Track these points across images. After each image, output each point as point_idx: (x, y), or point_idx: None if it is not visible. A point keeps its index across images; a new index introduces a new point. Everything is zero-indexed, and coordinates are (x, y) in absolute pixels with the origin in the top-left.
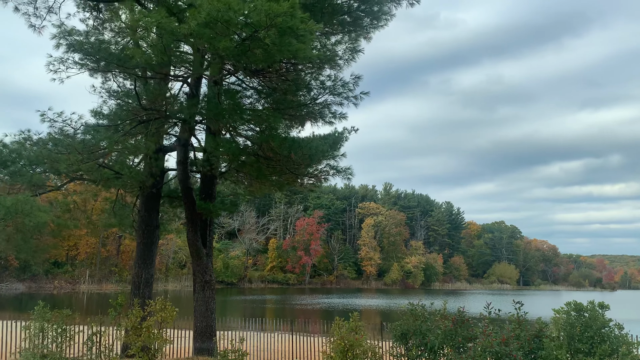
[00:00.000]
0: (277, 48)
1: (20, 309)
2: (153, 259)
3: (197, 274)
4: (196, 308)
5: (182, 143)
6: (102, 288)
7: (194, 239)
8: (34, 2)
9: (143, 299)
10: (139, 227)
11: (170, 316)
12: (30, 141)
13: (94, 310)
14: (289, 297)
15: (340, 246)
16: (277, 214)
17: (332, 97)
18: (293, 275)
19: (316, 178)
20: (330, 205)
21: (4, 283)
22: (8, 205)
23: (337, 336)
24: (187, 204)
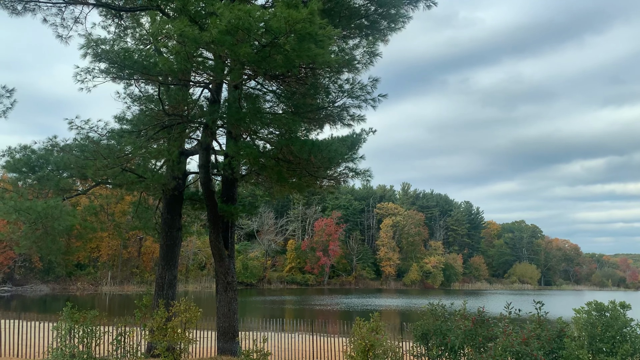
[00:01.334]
0: (296, 53)
1: (44, 310)
2: (176, 260)
3: (220, 275)
4: (219, 309)
5: (204, 147)
6: (124, 289)
7: (216, 241)
8: (61, 14)
9: (167, 299)
10: (162, 229)
11: (194, 317)
12: (57, 147)
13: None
14: (308, 297)
15: (359, 247)
16: (295, 215)
17: (351, 100)
18: (312, 276)
19: (335, 180)
20: (348, 205)
21: (29, 285)
22: (39, 210)
23: (358, 336)
24: (209, 206)
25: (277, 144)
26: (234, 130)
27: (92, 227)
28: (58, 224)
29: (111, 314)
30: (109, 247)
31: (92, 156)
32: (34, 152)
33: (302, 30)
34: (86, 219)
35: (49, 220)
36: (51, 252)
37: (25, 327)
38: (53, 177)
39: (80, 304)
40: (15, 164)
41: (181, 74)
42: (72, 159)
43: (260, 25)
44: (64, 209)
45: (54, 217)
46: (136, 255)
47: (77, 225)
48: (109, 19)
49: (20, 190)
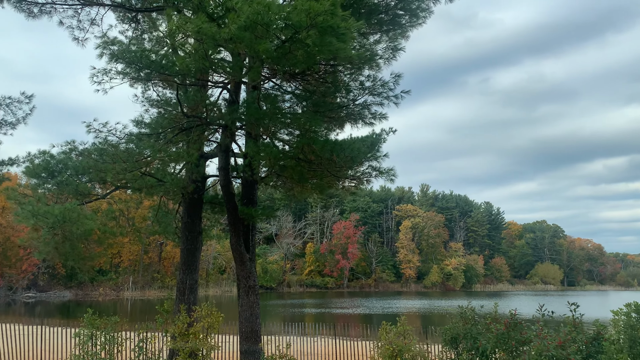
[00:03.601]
0: (317, 48)
1: (68, 315)
2: (197, 264)
3: (241, 279)
4: (241, 313)
5: (223, 149)
6: (145, 294)
7: (237, 244)
8: (77, 15)
9: (188, 304)
10: (182, 233)
11: (216, 322)
12: (76, 151)
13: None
14: (328, 301)
15: (378, 249)
16: (313, 218)
17: (372, 98)
18: (331, 279)
19: (358, 180)
20: (366, 208)
21: (52, 291)
22: (56, 214)
23: (385, 341)
24: (230, 209)
25: (297, 144)
26: (254, 130)
27: (112, 232)
28: (76, 228)
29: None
30: (130, 252)
31: (111, 160)
32: (52, 157)
33: (323, 23)
34: (105, 223)
35: (66, 224)
36: (70, 258)
37: (48, 333)
38: (72, 182)
39: (102, 309)
40: (35, 169)
41: (199, 73)
42: (91, 163)
43: (280, 20)
44: (82, 212)
45: (72, 221)
46: (157, 260)
47: (97, 230)
48: (125, 23)
49: (38, 195)
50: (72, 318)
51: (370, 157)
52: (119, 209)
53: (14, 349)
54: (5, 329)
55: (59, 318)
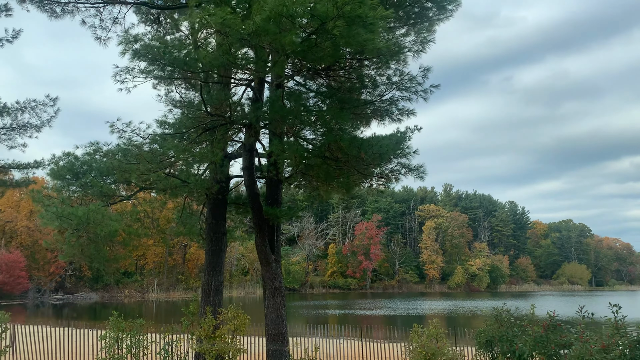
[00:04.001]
0: (344, 40)
1: (94, 317)
2: (222, 266)
3: (267, 281)
4: (267, 315)
5: (248, 148)
6: (170, 296)
7: (262, 245)
8: (100, 14)
9: (214, 306)
10: (207, 234)
11: (243, 324)
12: (100, 152)
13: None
14: (351, 302)
15: (401, 250)
16: (335, 219)
17: (400, 93)
18: (354, 280)
19: (386, 178)
20: (389, 208)
21: (79, 293)
22: (80, 215)
23: (417, 344)
24: (254, 209)
25: (324, 141)
26: (278, 129)
27: (137, 233)
28: (101, 230)
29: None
30: (154, 254)
31: (136, 160)
32: (77, 159)
33: (351, 12)
34: (130, 225)
35: (91, 225)
36: (95, 260)
37: (75, 334)
38: (96, 184)
39: (128, 311)
40: (59, 170)
41: (222, 70)
42: (115, 164)
43: (305, 11)
44: (107, 214)
45: (97, 222)
46: (181, 262)
47: (121, 232)
48: (147, 25)
49: (63, 197)
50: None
51: (399, 154)
52: (144, 210)
53: (42, 350)
54: (33, 331)
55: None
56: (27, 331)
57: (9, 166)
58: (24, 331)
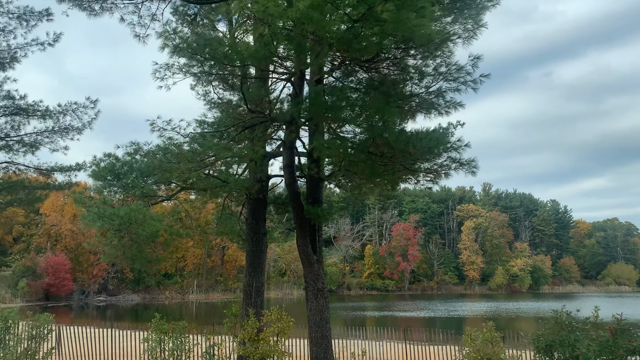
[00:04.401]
0: (393, 25)
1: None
2: (263, 266)
3: (309, 282)
4: (310, 317)
5: (288, 146)
6: (209, 297)
7: (303, 245)
8: (138, 11)
9: (255, 308)
10: (247, 235)
11: (287, 327)
12: (140, 152)
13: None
14: (390, 303)
15: (440, 251)
16: (371, 220)
17: (447, 84)
18: (392, 282)
19: (435, 173)
20: (426, 209)
21: (122, 294)
22: (122, 215)
23: (472, 348)
24: (295, 209)
25: (369, 136)
26: (320, 124)
27: (178, 233)
28: (142, 230)
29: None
30: (194, 256)
31: (176, 159)
32: (118, 160)
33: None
34: (171, 225)
35: (132, 226)
36: (137, 261)
37: (118, 335)
38: (137, 184)
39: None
40: (101, 171)
41: (263, 63)
42: (156, 163)
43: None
44: (148, 213)
45: (138, 222)
46: (220, 263)
47: (163, 232)
48: (185, 26)
49: (104, 198)
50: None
51: (449, 148)
52: (185, 209)
53: (86, 350)
54: (78, 331)
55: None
56: (72, 332)
57: (51, 169)
58: (69, 332)
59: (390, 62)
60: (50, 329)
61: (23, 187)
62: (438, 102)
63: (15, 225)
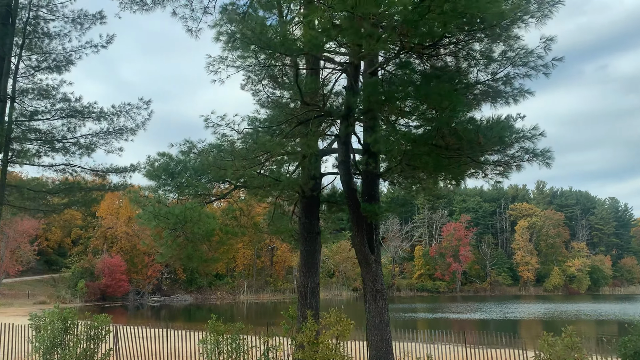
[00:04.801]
0: (464, 3)
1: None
2: (317, 267)
3: (367, 283)
4: (369, 320)
5: (343, 141)
6: (259, 298)
7: (360, 245)
8: (190, 4)
9: (311, 309)
10: (301, 234)
11: (347, 330)
12: (195, 149)
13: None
14: (443, 305)
15: (492, 251)
16: (420, 220)
17: (516, 69)
18: (443, 283)
19: (505, 166)
20: (477, 208)
21: (175, 295)
22: (177, 213)
23: (552, 356)
24: (351, 207)
25: (434, 125)
26: (377, 115)
27: (233, 232)
28: (198, 228)
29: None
30: (244, 257)
31: (230, 156)
32: (171, 159)
33: None
34: (226, 223)
35: (188, 224)
36: (193, 260)
37: (173, 335)
38: (192, 183)
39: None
40: (155, 171)
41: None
42: (210, 160)
43: None
44: (203, 212)
45: (193, 220)
46: (269, 264)
47: (218, 231)
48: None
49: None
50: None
51: (521, 137)
52: (239, 208)
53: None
54: (134, 331)
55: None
56: (129, 332)
57: (107, 170)
58: (126, 332)
59: (453, 47)
60: (108, 330)
61: (80, 189)
62: (505, 90)
63: (74, 228)
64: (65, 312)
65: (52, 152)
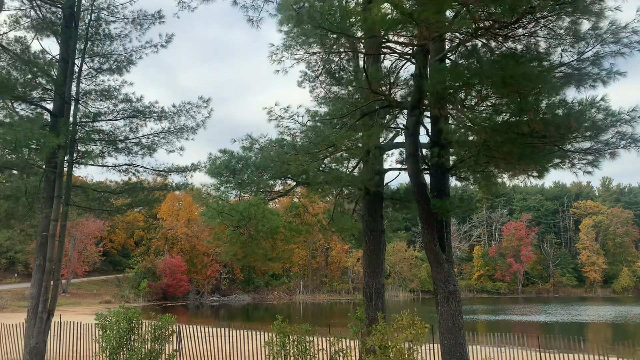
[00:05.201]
0: None
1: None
2: (382, 266)
3: (439, 284)
4: (441, 323)
5: (411, 132)
6: (315, 298)
7: (431, 243)
8: None
9: (376, 311)
10: (364, 233)
11: (421, 333)
12: (257, 144)
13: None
14: (504, 307)
15: (555, 251)
16: (479, 219)
17: (605, 47)
18: (504, 284)
19: (597, 154)
20: (539, 206)
21: (233, 295)
22: (241, 210)
23: None
24: (421, 203)
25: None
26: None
27: (297, 229)
28: (262, 225)
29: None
30: (299, 257)
31: (293, 151)
32: (233, 156)
33: None
34: (290, 220)
35: (252, 221)
36: (258, 259)
37: (235, 335)
38: (253, 180)
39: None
40: (217, 168)
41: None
42: (274, 155)
43: None
44: (267, 208)
45: (258, 217)
46: (324, 264)
47: (281, 228)
48: None
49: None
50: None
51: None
52: (302, 204)
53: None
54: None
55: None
56: (191, 331)
57: (168, 170)
58: (188, 331)
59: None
60: (173, 331)
61: (142, 189)
62: (592, 71)
63: (136, 230)
64: (130, 312)
65: (115, 152)
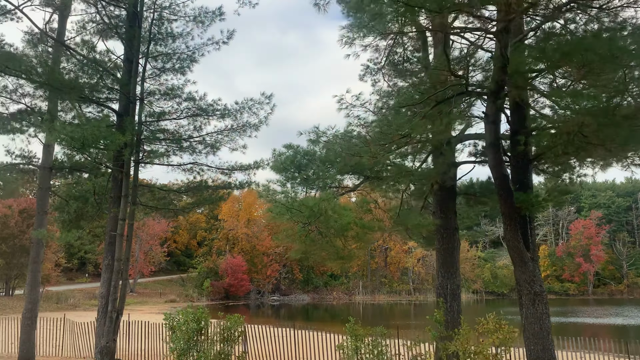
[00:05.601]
0: None
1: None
2: (456, 266)
3: (523, 284)
4: (526, 327)
5: (492, 120)
6: (375, 299)
7: (514, 240)
8: None
9: (452, 314)
10: (437, 231)
11: (509, 338)
12: (324, 136)
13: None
14: (573, 309)
15: (629, 250)
16: (545, 217)
17: None
18: (572, 285)
19: None
20: (609, 204)
21: (293, 294)
22: (311, 205)
23: None
24: (503, 196)
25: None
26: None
27: (369, 226)
28: (333, 222)
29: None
30: (357, 257)
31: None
32: (298, 151)
33: None
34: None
35: (322, 217)
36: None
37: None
38: (320, 175)
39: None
40: (282, 163)
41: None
42: (344, 146)
43: None
44: (338, 204)
45: (328, 213)
46: (383, 265)
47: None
48: None
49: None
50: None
51: None
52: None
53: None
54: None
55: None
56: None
57: (232, 168)
58: (253, 331)
59: None
60: (242, 331)
61: (206, 187)
62: None
63: (199, 231)
64: (199, 312)
65: (180, 151)
